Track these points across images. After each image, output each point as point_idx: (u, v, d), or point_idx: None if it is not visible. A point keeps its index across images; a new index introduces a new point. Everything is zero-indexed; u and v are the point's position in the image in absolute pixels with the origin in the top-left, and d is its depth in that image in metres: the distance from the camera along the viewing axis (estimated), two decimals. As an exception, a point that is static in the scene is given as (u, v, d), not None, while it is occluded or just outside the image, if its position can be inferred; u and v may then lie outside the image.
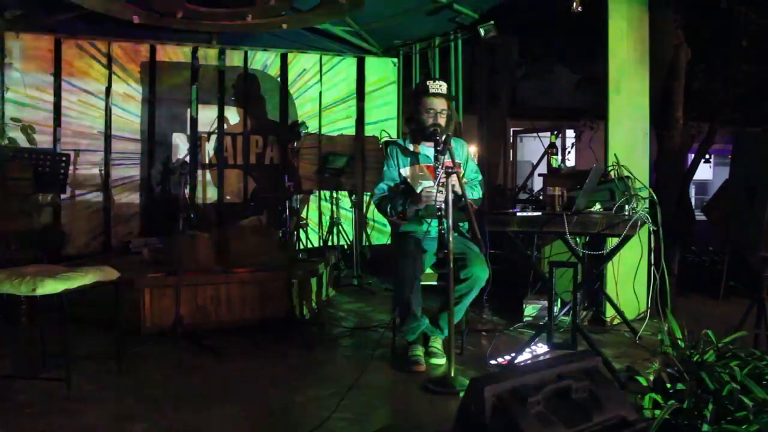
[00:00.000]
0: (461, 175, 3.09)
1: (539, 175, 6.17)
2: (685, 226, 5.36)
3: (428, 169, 3.39)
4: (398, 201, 3.33)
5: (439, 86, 3.38)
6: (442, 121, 3.35)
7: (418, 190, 3.26)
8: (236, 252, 4.06)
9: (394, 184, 3.44)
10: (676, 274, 4.85)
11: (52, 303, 3.32)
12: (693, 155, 6.01)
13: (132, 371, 3.16)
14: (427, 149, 3.44)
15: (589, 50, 5.61)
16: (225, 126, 6.29)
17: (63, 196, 5.52)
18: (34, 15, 5.32)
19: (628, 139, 4.23)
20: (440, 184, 2.97)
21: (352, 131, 6.69)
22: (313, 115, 6.55)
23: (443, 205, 3.02)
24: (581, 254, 3.69)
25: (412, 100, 3.56)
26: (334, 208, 6.29)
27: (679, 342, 2.41)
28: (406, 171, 3.44)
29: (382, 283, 5.37)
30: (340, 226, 6.03)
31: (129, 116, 5.97)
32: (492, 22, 5.28)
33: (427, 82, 3.42)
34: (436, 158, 3.24)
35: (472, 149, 6.00)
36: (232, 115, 6.33)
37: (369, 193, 6.27)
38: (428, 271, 3.35)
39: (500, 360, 3.33)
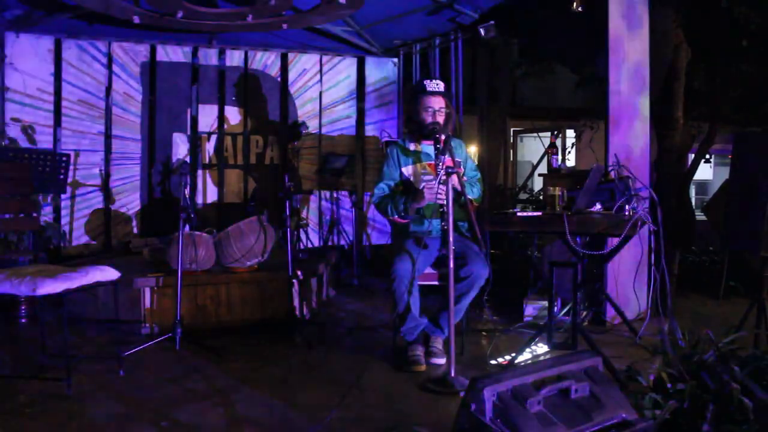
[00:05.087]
0: (461, 174, 3.10)
1: (539, 175, 6.17)
2: (685, 226, 5.36)
3: (429, 166, 3.40)
4: (399, 200, 3.33)
5: (437, 85, 3.41)
6: (440, 119, 3.37)
7: (420, 188, 3.27)
8: (236, 252, 4.06)
9: (394, 183, 3.45)
10: (676, 274, 4.85)
11: (52, 303, 3.33)
12: (693, 155, 6.00)
13: (132, 371, 3.16)
14: (427, 147, 3.45)
15: (589, 50, 5.60)
16: (225, 126, 6.29)
17: (63, 196, 5.53)
18: (34, 15, 5.32)
19: (628, 139, 4.24)
20: (441, 183, 2.98)
21: (352, 131, 6.69)
22: (313, 115, 6.55)
23: (445, 201, 3.02)
24: (581, 254, 3.69)
25: (410, 99, 3.57)
26: (334, 208, 6.30)
27: (679, 342, 2.42)
28: (407, 170, 3.45)
29: (382, 283, 5.37)
30: (340, 226, 6.04)
31: (129, 116, 5.97)
32: (492, 22, 5.29)
33: (425, 81, 3.45)
34: (436, 156, 3.25)
35: (472, 149, 6.01)
36: (232, 115, 6.33)
37: (369, 193, 6.27)
38: (428, 270, 3.35)
39: (500, 360, 3.33)
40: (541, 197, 6.45)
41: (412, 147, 3.48)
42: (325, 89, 6.60)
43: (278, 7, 4.94)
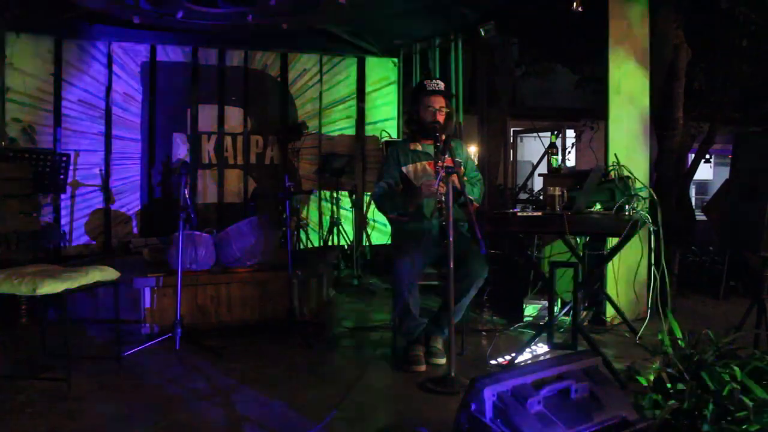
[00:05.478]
0: (461, 174, 3.10)
1: (539, 175, 6.17)
2: (685, 226, 5.35)
3: (430, 165, 3.40)
4: (398, 198, 3.34)
5: (437, 84, 3.43)
6: (441, 118, 3.38)
7: (418, 184, 3.28)
8: (236, 252, 4.06)
9: (394, 182, 3.45)
10: (676, 274, 4.85)
11: (52, 303, 3.33)
12: (693, 155, 6.00)
13: (132, 371, 3.16)
14: (427, 147, 3.46)
15: (589, 50, 5.60)
16: (225, 126, 6.29)
17: (63, 196, 5.52)
18: (34, 15, 5.32)
19: (628, 139, 4.24)
20: (441, 182, 2.99)
21: (352, 131, 6.70)
22: (313, 115, 6.55)
23: (443, 198, 3.03)
24: (581, 254, 3.69)
25: (411, 100, 3.59)
26: (334, 208, 6.30)
27: (679, 342, 2.41)
28: (407, 169, 3.45)
29: (382, 283, 5.37)
30: (340, 226, 6.04)
31: (129, 116, 5.98)
32: (492, 22, 5.28)
33: (425, 81, 3.47)
34: (436, 155, 3.25)
35: (472, 149, 6.01)
36: (232, 115, 6.33)
37: (369, 193, 6.27)
38: (428, 270, 3.35)
39: (500, 360, 3.33)
40: (541, 197, 6.44)
41: (412, 146, 3.49)
42: (325, 89, 6.60)
43: (278, 7, 4.94)
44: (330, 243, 6.03)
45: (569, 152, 9.32)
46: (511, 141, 10.36)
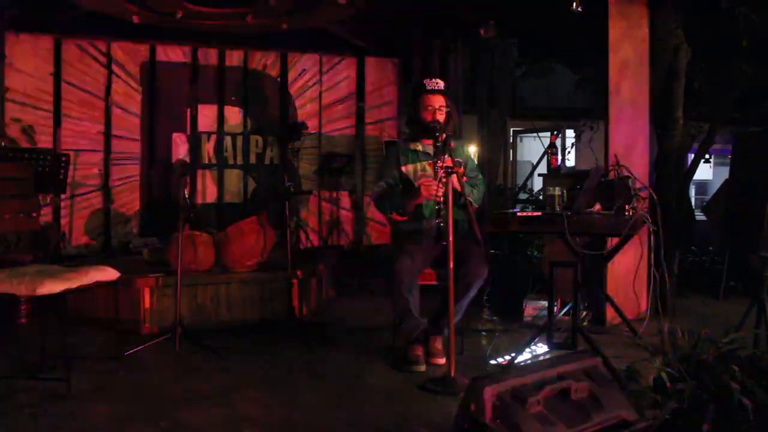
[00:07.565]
0: (461, 174, 3.10)
1: (539, 175, 6.17)
2: (685, 226, 5.35)
3: (429, 166, 3.40)
4: (397, 198, 3.33)
5: (436, 83, 3.42)
6: (440, 117, 3.37)
7: (418, 185, 3.28)
8: (236, 252, 4.06)
9: (393, 182, 3.45)
10: (676, 274, 4.85)
11: (52, 303, 3.32)
12: (693, 155, 6.00)
13: (132, 371, 3.16)
14: (427, 146, 3.45)
15: (589, 50, 5.60)
16: (225, 126, 6.29)
17: (63, 196, 5.52)
18: (34, 15, 5.32)
19: (628, 139, 4.24)
20: (440, 183, 2.99)
21: (352, 131, 6.69)
22: (313, 115, 6.55)
23: (442, 199, 3.03)
24: (581, 254, 3.69)
25: (410, 99, 3.58)
26: (334, 208, 6.30)
27: (679, 342, 2.41)
28: (407, 168, 3.46)
29: (382, 283, 5.35)
30: (340, 226, 6.04)
31: (129, 116, 5.97)
32: (492, 21, 5.28)
33: (424, 80, 3.47)
34: (435, 155, 3.25)
35: (472, 149, 6.01)
36: (232, 115, 6.33)
37: (369, 193, 6.27)
38: (428, 270, 3.35)
39: (500, 360, 3.33)
40: (541, 197, 6.44)
41: (412, 146, 3.49)
42: (325, 89, 6.59)
43: (278, 7, 4.95)
44: (330, 243, 6.03)
45: (569, 152, 9.31)
46: (511, 141, 10.35)
